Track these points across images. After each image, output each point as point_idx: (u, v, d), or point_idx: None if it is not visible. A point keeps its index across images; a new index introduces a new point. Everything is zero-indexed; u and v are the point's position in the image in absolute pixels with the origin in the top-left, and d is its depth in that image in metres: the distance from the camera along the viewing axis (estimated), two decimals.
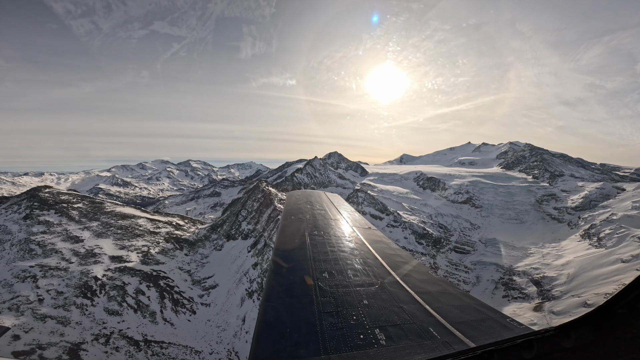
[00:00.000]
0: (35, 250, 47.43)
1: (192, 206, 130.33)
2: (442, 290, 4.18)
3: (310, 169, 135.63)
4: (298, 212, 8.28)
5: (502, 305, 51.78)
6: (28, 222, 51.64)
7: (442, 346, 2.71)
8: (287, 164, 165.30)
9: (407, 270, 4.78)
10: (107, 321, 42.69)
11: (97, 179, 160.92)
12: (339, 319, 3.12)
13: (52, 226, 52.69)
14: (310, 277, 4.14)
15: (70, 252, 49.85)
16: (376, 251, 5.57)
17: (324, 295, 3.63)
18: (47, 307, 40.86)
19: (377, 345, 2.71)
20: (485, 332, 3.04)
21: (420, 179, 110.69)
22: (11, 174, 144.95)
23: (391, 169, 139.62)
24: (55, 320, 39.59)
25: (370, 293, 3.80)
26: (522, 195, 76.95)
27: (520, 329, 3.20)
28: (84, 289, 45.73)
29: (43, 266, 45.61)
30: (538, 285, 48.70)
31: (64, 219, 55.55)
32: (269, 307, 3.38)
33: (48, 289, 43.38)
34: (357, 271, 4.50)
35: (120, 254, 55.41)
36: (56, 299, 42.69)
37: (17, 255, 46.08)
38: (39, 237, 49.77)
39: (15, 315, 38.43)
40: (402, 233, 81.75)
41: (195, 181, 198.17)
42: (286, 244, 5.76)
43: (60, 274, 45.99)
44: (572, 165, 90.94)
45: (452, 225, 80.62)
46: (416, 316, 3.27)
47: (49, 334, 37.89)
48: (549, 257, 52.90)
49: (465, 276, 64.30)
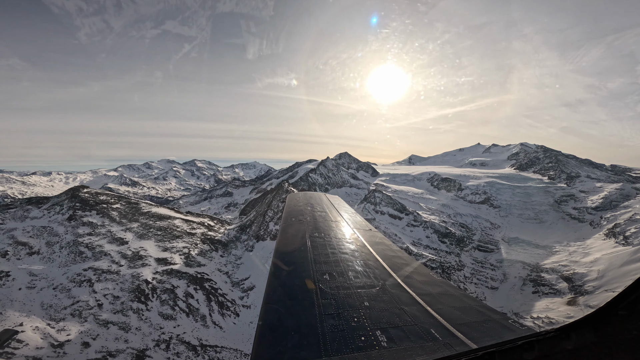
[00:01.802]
0: (85, 253, 47.42)
1: (205, 206, 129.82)
2: (444, 292, 4.18)
3: (324, 170, 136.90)
4: (299, 214, 8.22)
5: (533, 300, 54.99)
6: (73, 224, 51.42)
7: (443, 348, 2.70)
8: (297, 164, 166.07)
9: (408, 272, 4.77)
10: (163, 326, 42.95)
11: (105, 179, 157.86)
12: (340, 320, 3.12)
13: (96, 227, 52.61)
14: (311, 279, 4.12)
15: (118, 255, 50.00)
16: (377, 253, 5.55)
17: (325, 297, 3.62)
18: (107, 313, 41.01)
19: (379, 347, 2.69)
20: (487, 333, 3.03)
21: (434, 180, 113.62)
22: (17, 173, 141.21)
23: (402, 170, 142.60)
24: (117, 326, 39.76)
25: (371, 295, 3.78)
26: (540, 196, 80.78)
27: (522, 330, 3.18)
28: (138, 292, 46.06)
29: (96, 269, 45.73)
30: (569, 281, 51.99)
31: (105, 220, 55.45)
32: (270, 309, 3.40)
33: (105, 294, 43.58)
34: (358, 273, 4.48)
35: (164, 256, 55.78)
36: (114, 303, 42.89)
37: (68, 258, 45.99)
38: (86, 239, 49.71)
39: (79, 322, 38.52)
40: (423, 232, 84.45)
41: (202, 181, 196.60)
42: (287, 246, 5.73)
43: (113, 278, 46.20)
44: (587, 167, 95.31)
45: (473, 224, 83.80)
46: (417, 318, 3.27)
47: (114, 340, 38.05)
48: (576, 255, 56.42)
49: (492, 273, 67.51)
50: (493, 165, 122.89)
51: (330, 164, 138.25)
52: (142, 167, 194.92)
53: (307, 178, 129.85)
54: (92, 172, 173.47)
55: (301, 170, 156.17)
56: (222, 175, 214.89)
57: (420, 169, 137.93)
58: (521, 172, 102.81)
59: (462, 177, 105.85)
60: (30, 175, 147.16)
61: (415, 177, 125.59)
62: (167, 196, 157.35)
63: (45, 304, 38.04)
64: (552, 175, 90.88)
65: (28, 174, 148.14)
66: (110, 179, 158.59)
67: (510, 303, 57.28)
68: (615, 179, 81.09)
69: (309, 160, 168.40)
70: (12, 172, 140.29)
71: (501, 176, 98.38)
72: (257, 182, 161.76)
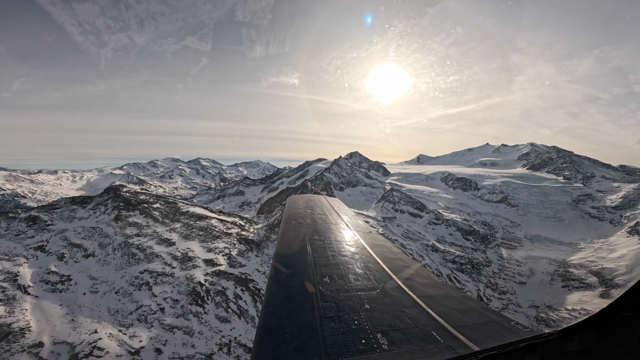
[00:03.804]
0: (137, 255, 46.83)
1: (219, 205, 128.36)
2: (445, 294, 4.16)
3: (337, 169, 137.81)
4: (298, 217, 8.21)
5: (563, 294, 58.35)
6: (120, 224, 50.59)
7: (445, 350, 2.69)
8: (307, 162, 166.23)
9: (409, 274, 4.76)
10: (221, 329, 43.04)
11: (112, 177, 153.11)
12: (341, 323, 3.10)
13: (142, 228, 51.90)
14: (311, 282, 4.12)
15: (169, 256, 49.63)
16: (377, 255, 5.54)
17: (325, 300, 3.61)
18: (171, 317, 40.77)
19: (379, 350, 2.67)
20: (489, 335, 3.02)
21: (448, 179, 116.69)
22: (20, 171, 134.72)
23: (412, 169, 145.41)
24: (181, 330, 39.66)
25: (371, 297, 3.76)
26: (557, 195, 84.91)
27: (525, 332, 3.16)
28: (194, 295, 45.99)
29: (151, 272, 45.32)
30: (598, 275, 55.53)
31: (149, 220, 54.74)
32: (270, 312, 3.37)
33: (164, 297, 43.31)
34: (359, 275, 4.47)
35: (209, 257, 55.66)
36: (175, 307, 42.67)
37: (122, 261, 45.31)
38: (135, 240, 49.05)
39: (146, 327, 38.29)
40: (446, 230, 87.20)
41: (207, 179, 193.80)
42: (287, 249, 5.71)
43: (169, 280, 45.92)
44: (601, 167, 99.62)
45: (493, 222, 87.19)
46: (419, 320, 3.25)
47: (182, 345, 38.09)
48: (601, 251, 60.23)
49: (519, 269, 70.89)
50: (504, 165, 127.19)
51: (344, 163, 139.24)
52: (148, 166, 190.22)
53: (322, 177, 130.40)
54: (97, 170, 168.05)
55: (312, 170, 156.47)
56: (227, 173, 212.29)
57: (432, 169, 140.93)
58: (534, 172, 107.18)
59: (477, 177, 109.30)
60: (37, 173, 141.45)
61: (429, 177, 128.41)
62: (174, 195, 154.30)
63: (111, 309, 37.54)
64: (568, 175, 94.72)
65: (32, 172, 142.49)
66: (117, 177, 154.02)
67: (541, 297, 60.56)
68: (630, 179, 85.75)
69: (319, 159, 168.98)
70: (15, 171, 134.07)
71: (515, 176, 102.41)
72: (267, 181, 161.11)
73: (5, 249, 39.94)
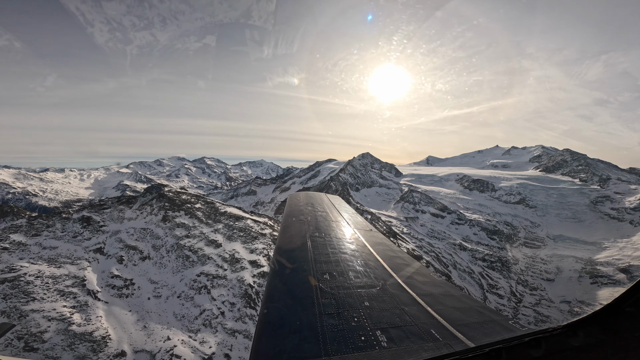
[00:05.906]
0: (191, 257, 45.80)
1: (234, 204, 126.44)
2: (444, 293, 4.16)
3: (352, 169, 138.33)
4: (299, 214, 8.20)
5: (593, 290, 60.90)
6: (168, 225, 49.24)
7: (444, 348, 2.72)
8: (318, 163, 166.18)
9: (408, 273, 4.76)
10: None
11: (120, 176, 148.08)
12: (340, 320, 3.11)
13: (190, 229, 50.80)
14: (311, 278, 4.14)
15: (219, 258, 48.80)
16: (377, 253, 5.55)
17: (325, 296, 3.62)
18: (231, 321, 40.16)
19: (379, 347, 2.69)
20: (488, 334, 3.06)
21: (464, 181, 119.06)
22: (25, 169, 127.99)
23: (425, 170, 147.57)
24: (242, 334, 39.27)
25: (371, 295, 3.77)
26: (575, 197, 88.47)
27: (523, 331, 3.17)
28: (247, 298, 45.46)
29: (207, 275, 44.37)
30: (626, 272, 58.31)
31: (195, 221, 53.64)
32: (270, 308, 3.38)
33: (222, 301, 42.59)
34: (359, 273, 4.47)
35: (253, 258, 55.00)
36: (232, 311, 42.06)
37: (177, 263, 44.14)
38: (186, 242, 47.89)
39: (212, 332, 37.73)
40: (469, 230, 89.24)
41: (213, 178, 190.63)
42: (287, 246, 5.73)
43: (223, 283, 45.14)
44: (615, 170, 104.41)
45: (514, 223, 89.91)
46: (418, 318, 3.25)
47: (245, 350, 37.80)
48: (626, 250, 63.31)
49: (545, 267, 73.45)
50: (515, 167, 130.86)
51: (358, 164, 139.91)
52: (154, 165, 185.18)
53: (337, 178, 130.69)
54: (104, 169, 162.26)
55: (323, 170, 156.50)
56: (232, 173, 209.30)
57: (444, 170, 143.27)
58: (548, 174, 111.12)
59: (492, 179, 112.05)
60: (45, 172, 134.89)
61: (442, 178, 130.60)
62: None
63: (177, 315, 36.61)
64: (584, 177, 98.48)
65: (38, 170, 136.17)
66: (124, 176, 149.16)
67: (572, 292, 63.02)
68: None
69: (329, 160, 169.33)
70: (20, 169, 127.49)
71: (531, 177, 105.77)
72: (278, 180, 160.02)
73: (66, 251, 38.24)
